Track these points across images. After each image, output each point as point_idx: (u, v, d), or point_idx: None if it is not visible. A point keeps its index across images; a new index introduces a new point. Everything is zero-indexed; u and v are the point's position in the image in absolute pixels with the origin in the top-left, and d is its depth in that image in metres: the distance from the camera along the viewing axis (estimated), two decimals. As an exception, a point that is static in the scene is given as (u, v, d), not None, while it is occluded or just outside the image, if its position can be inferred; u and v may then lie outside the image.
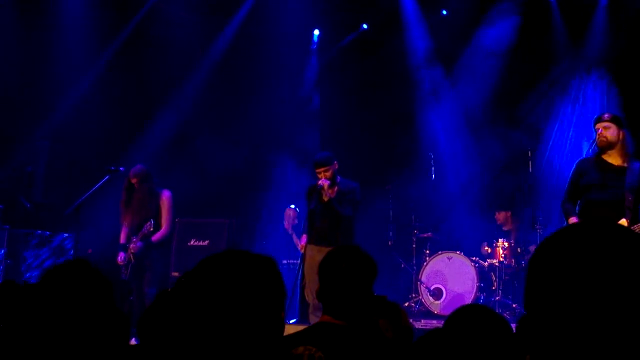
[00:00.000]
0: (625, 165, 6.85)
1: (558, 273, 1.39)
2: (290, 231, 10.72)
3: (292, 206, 10.86)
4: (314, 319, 7.35)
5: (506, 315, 8.78)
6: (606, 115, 7.04)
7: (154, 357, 3.04)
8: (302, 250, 8.25)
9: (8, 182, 10.26)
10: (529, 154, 9.52)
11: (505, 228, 10.42)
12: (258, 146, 11.88)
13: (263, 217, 11.28)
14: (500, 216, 10.42)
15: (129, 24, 11.62)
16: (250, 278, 2.00)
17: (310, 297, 7.84)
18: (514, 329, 2.76)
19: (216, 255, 2.06)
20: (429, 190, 10.83)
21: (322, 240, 7.93)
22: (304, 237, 8.34)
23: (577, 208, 6.96)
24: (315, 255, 7.73)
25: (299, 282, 8.23)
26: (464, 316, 2.68)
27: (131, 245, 8.52)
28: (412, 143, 11.42)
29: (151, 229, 8.43)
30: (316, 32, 12.53)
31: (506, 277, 9.75)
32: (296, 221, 10.76)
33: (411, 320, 4.33)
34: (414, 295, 9.70)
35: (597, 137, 6.91)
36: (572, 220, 6.90)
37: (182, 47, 11.34)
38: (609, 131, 6.85)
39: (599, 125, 6.92)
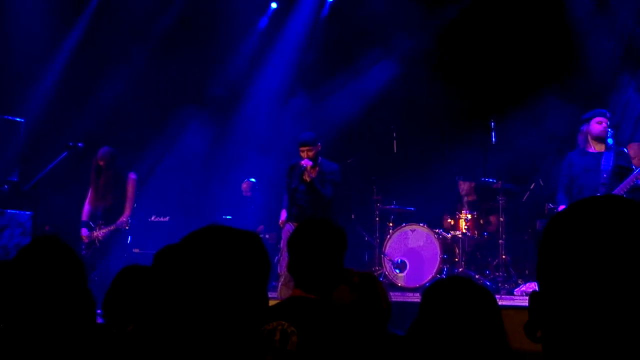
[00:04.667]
0: None
1: (574, 246, 1.36)
2: (249, 205, 10.77)
3: (253, 180, 10.88)
4: (285, 292, 7.48)
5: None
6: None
7: (131, 336, 3.04)
8: (282, 226, 8.53)
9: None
10: (491, 125, 9.55)
11: (468, 199, 10.50)
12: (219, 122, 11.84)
13: (229, 191, 11.22)
14: (465, 186, 10.49)
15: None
16: (235, 254, 1.97)
17: (283, 269, 7.99)
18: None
19: (198, 231, 2.04)
20: (391, 163, 10.90)
21: (302, 219, 8.02)
22: (284, 213, 8.58)
23: None
24: (294, 232, 7.88)
25: (277, 256, 8.30)
26: (445, 288, 2.67)
27: (98, 233, 8.65)
28: (372, 116, 11.45)
29: (126, 227, 8.68)
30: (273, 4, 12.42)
31: (469, 249, 9.87)
32: (249, 193, 10.81)
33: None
34: (377, 268, 9.77)
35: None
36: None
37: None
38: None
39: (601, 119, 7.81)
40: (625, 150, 7.94)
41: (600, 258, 1.32)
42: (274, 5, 12.32)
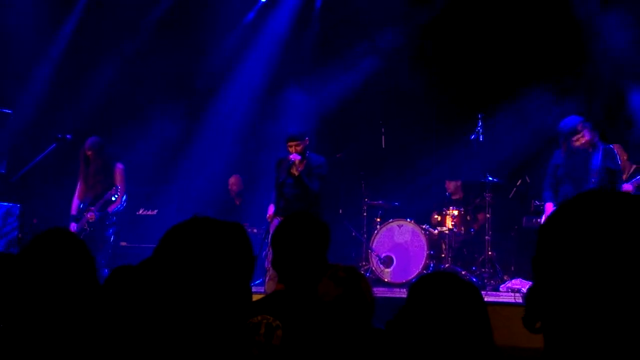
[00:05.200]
0: None
1: (569, 241, 1.41)
2: (236, 200, 10.78)
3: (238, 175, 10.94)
4: (271, 286, 7.49)
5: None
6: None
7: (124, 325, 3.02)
8: (270, 220, 8.46)
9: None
10: (479, 124, 9.57)
11: (454, 197, 10.55)
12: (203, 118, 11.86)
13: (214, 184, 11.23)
14: (451, 185, 10.55)
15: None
16: (219, 244, 1.99)
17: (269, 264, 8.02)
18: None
19: (182, 224, 2.04)
20: (380, 159, 10.92)
21: (289, 213, 8.03)
22: (271, 207, 8.58)
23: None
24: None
25: (264, 250, 8.29)
26: (432, 283, 2.68)
27: (89, 215, 8.58)
28: (360, 111, 11.46)
29: (113, 198, 8.57)
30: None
31: (456, 245, 9.90)
32: (234, 187, 10.84)
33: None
34: (364, 264, 9.79)
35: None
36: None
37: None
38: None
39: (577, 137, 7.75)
40: (614, 150, 7.93)
41: (596, 253, 1.37)
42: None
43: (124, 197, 8.83)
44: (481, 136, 9.54)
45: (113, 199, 8.57)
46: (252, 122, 11.71)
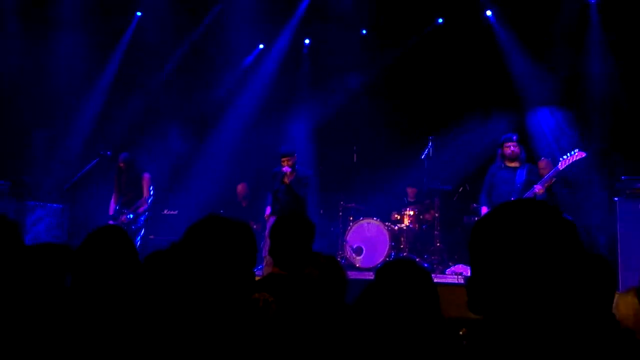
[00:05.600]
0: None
1: (496, 242, 1.43)
2: (243, 203, 10.71)
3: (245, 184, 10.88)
4: (267, 271, 7.49)
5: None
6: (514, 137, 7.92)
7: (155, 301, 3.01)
8: (267, 219, 8.63)
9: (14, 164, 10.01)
10: (429, 144, 9.62)
11: (411, 200, 10.55)
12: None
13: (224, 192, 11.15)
14: (410, 191, 10.56)
15: (119, 35, 11.54)
16: (230, 238, 2.02)
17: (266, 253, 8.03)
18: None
19: (200, 221, 2.06)
20: (352, 171, 10.94)
21: (282, 213, 8.09)
22: (268, 209, 8.67)
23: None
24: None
25: (262, 242, 8.28)
26: (394, 267, 2.71)
27: (123, 217, 8.60)
28: (336, 134, 11.49)
29: (141, 210, 8.68)
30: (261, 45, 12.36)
31: (411, 238, 9.89)
32: (242, 192, 10.79)
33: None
34: (340, 253, 9.76)
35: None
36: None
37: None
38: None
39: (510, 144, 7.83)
40: (535, 167, 8.02)
41: (516, 250, 1.39)
42: (261, 45, 12.27)
43: (150, 199, 8.82)
44: (432, 153, 9.58)
45: (141, 210, 8.67)
46: (253, 140, 11.65)
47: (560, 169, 7.42)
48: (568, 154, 7.42)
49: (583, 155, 7.37)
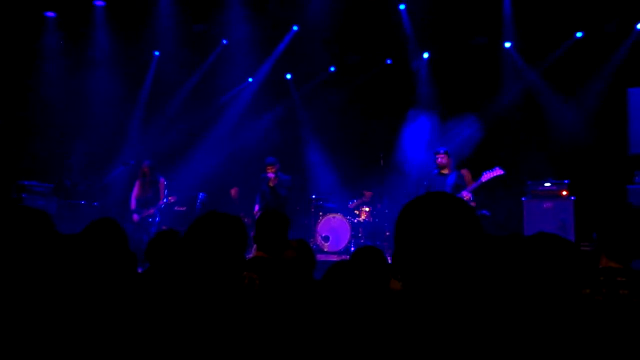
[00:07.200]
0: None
1: (411, 224, 1.42)
2: (236, 202, 10.64)
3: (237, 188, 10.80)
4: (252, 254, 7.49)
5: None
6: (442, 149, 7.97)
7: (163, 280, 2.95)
8: (256, 215, 8.63)
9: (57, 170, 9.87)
10: (381, 155, 9.66)
11: (366, 200, 10.57)
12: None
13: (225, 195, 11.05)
14: (368, 194, 10.56)
15: (143, 69, 11.45)
16: (227, 230, 2.04)
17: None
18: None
19: (204, 215, 2.09)
20: (322, 176, 10.95)
21: (267, 209, 8.09)
22: (257, 206, 8.74)
23: None
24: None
25: (252, 232, 8.24)
26: (364, 252, 2.79)
27: (149, 212, 8.59)
28: (303, 143, 11.43)
29: (163, 204, 8.70)
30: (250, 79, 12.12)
31: (368, 229, 9.89)
32: (234, 194, 10.69)
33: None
34: (311, 240, 9.74)
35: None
36: None
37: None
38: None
39: (438, 155, 7.91)
40: (462, 174, 8.05)
41: (428, 232, 1.38)
42: (250, 79, 12.03)
43: (165, 199, 8.76)
44: (382, 164, 9.63)
45: (160, 207, 8.64)
46: (244, 153, 11.55)
47: (484, 181, 7.48)
48: (490, 170, 7.46)
49: (501, 173, 7.43)
